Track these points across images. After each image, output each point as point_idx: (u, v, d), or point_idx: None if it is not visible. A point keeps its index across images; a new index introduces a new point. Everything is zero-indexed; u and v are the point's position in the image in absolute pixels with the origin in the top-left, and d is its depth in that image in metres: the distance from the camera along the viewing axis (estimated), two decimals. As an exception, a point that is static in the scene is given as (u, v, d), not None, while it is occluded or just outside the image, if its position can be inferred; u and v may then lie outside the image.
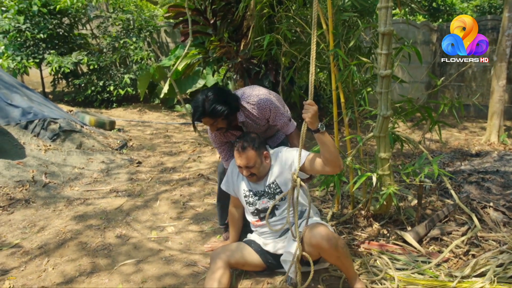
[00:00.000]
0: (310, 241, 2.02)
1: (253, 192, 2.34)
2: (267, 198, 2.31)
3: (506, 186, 3.59)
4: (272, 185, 2.29)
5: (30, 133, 4.58)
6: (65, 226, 3.05)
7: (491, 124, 6.24)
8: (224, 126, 2.30)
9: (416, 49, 2.70)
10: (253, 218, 2.40)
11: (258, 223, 2.37)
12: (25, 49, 7.93)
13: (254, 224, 2.40)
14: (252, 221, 2.42)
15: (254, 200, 2.34)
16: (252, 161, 2.19)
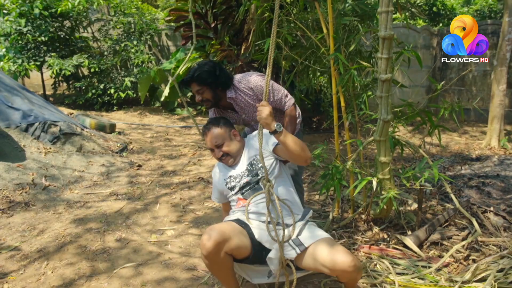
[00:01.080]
0: (333, 266, 1.74)
1: (233, 177, 2.20)
2: (248, 176, 2.16)
3: (507, 190, 3.59)
4: (254, 161, 2.16)
5: (30, 135, 4.58)
6: (64, 229, 3.04)
7: (491, 128, 6.24)
8: (210, 98, 2.37)
9: (416, 54, 2.70)
10: (237, 198, 2.18)
11: (243, 202, 2.15)
12: (26, 51, 7.95)
13: (239, 206, 2.17)
14: (236, 205, 2.19)
15: (235, 182, 2.18)
16: (219, 138, 2.16)
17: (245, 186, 2.15)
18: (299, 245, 1.88)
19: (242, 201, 2.17)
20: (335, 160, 2.90)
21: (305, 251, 1.86)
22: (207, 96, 2.37)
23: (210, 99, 2.39)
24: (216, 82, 2.34)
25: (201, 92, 2.35)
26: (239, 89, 2.41)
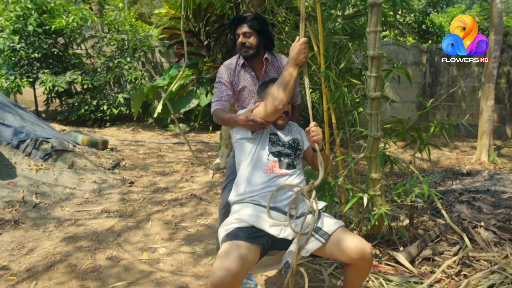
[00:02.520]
0: (361, 254, 1.80)
1: (279, 137, 2.15)
2: (289, 149, 2.14)
3: (497, 205, 3.62)
4: (297, 142, 2.20)
5: (21, 152, 4.55)
6: (54, 248, 3.00)
7: (481, 143, 6.32)
8: (254, 45, 2.31)
9: (406, 71, 2.76)
10: (270, 160, 2.05)
11: (276, 169, 2.03)
12: (19, 68, 7.95)
13: (269, 170, 2.02)
14: (266, 167, 2.03)
15: (278, 145, 2.11)
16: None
17: (283, 155, 2.09)
18: (323, 234, 1.87)
19: (274, 166, 2.05)
20: (327, 177, 2.91)
21: (328, 239, 1.87)
22: (252, 41, 2.32)
23: (253, 47, 2.32)
24: (266, 32, 2.36)
25: (248, 35, 2.30)
26: (277, 57, 2.47)
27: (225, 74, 2.38)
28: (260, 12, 3.96)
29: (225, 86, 2.36)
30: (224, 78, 2.37)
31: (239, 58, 2.42)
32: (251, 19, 2.30)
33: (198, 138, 7.86)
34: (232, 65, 2.40)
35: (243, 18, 2.31)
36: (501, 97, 7.98)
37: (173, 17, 5.09)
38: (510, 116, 8.09)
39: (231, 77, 2.38)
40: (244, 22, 2.30)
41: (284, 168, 2.05)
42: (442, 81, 8.54)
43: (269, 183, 2.00)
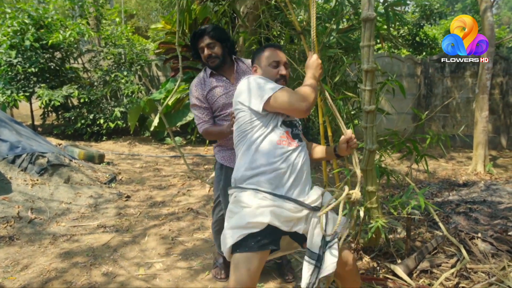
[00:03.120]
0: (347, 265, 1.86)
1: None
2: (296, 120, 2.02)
3: (494, 216, 3.63)
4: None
5: (17, 167, 4.53)
6: (49, 264, 2.97)
7: (476, 154, 6.36)
8: (219, 54, 2.40)
9: (400, 84, 2.79)
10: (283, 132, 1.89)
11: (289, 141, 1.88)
12: (16, 82, 7.96)
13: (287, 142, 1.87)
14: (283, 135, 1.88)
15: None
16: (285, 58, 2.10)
17: (294, 126, 1.97)
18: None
19: (288, 138, 1.89)
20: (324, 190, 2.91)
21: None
22: (217, 51, 2.40)
23: (219, 56, 2.41)
24: (228, 40, 2.46)
25: (212, 46, 2.38)
26: (241, 59, 2.57)
27: (197, 93, 2.45)
28: (256, 26, 4.01)
29: (201, 108, 2.45)
30: (197, 100, 2.45)
31: (206, 70, 2.49)
32: (212, 30, 2.39)
33: (195, 151, 7.86)
34: (201, 80, 2.47)
35: (203, 31, 2.39)
36: (495, 108, 8.05)
37: (169, 32, 5.14)
38: (504, 126, 8.16)
39: (204, 93, 2.44)
40: (205, 35, 2.39)
41: (297, 140, 1.93)
42: (436, 92, 8.62)
43: (283, 156, 1.83)
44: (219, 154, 2.58)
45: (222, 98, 2.44)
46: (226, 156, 2.53)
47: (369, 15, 2.26)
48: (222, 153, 2.56)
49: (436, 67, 8.56)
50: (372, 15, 2.25)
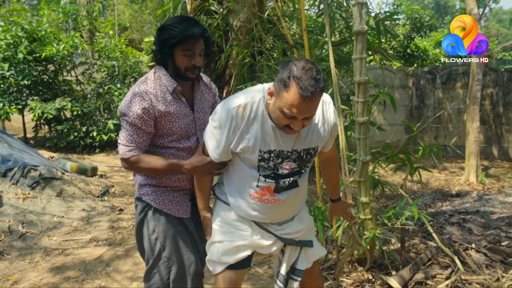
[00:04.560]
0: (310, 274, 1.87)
1: (276, 153, 1.61)
2: (293, 162, 1.64)
3: (487, 226, 3.65)
4: (312, 151, 1.68)
5: (8, 181, 4.48)
6: (40, 279, 2.92)
7: (468, 164, 6.41)
8: (201, 66, 1.81)
9: (391, 96, 2.83)
10: (260, 187, 1.65)
11: (272, 196, 1.66)
12: (8, 95, 7.93)
13: (259, 198, 1.66)
14: (256, 192, 1.65)
15: (274, 163, 1.62)
16: (316, 108, 1.50)
17: (282, 176, 1.65)
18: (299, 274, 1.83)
19: (268, 192, 1.66)
20: (317, 201, 2.92)
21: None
22: (201, 63, 1.81)
23: (200, 68, 1.81)
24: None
25: (201, 55, 1.76)
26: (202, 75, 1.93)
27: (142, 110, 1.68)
28: (249, 39, 4.06)
29: (140, 131, 1.71)
30: (140, 119, 1.69)
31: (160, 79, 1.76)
32: (208, 35, 1.79)
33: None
34: (153, 94, 1.72)
35: (201, 33, 1.71)
36: (486, 118, 8.15)
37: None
38: (495, 137, 8.25)
39: (153, 113, 1.70)
40: (201, 38, 1.72)
41: (280, 193, 1.67)
42: (428, 103, 8.72)
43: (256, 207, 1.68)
44: (154, 195, 1.81)
45: (180, 128, 1.77)
46: (167, 201, 1.81)
47: (361, 29, 2.30)
48: (161, 195, 1.81)
49: (428, 78, 8.68)
50: (364, 28, 2.29)
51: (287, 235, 1.76)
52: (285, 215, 1.76)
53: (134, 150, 1.71)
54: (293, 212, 1.79)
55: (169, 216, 1.80)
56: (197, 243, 1.88)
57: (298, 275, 1.81)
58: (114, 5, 18.16)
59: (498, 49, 9.19)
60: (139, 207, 1.83)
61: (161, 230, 1.78)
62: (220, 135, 1.58)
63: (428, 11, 12.45)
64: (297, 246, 1.81)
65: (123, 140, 1.72)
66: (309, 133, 1.63)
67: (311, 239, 1.84)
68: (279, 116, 1.49)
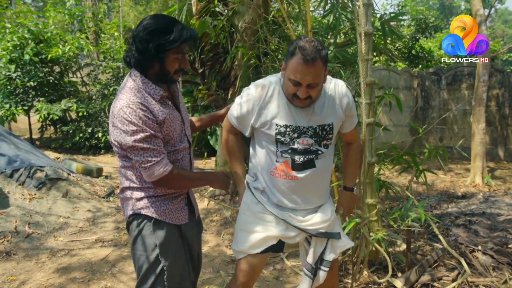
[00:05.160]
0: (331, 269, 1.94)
1: (292, 128, 1.75)
2: (310, 138, 1.76)
3: (493, 228, 3.62)
4: (327, 128, 1.78)
5: (15, 181, 4.51)
6: (47, 280, 2.94)
7: (474, 166, 6.37)
8: (188, 66, 1.78)
9: (397, 98, 2.82)
10: (279, 162, 1.78)
11: (290, 173, 1.77)
12: (15, 96, 7.98)
13: (279, 173, 1.78)
14: (276, 167, 1.78)
15: (291, 137, 1.75)
16: (318, 78, 1.63)
17: (299, 152, 1.76)
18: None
19: (285, 168, 1.78)
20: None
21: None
22: (187, 63, 1.75)
23: (187, 67, 1.79)
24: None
25: (185, 53, 1.69)
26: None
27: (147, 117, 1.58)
28: (254, 41, 4.06)
29: (159, 134, 1.63)
30: (151, 127, 1.59)
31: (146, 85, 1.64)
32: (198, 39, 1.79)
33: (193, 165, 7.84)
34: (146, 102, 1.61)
35: (196, 37, 1.68)
36: (492, 119, 8.11)
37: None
38: (501, 138, 8.20)
39: (155, 119, 1.62)
40: (191, 42, 1.66)
41: (299, 170, 1.77)
42: (433, 104, 8.68)
43: (276, 184, 1.81)
44: (154, 207, 1.70)
45: (175, 131, 1.73)
46: (168, 210, 1.73)
47: (367, 30, 2.29)
48: (162, 206, 1.72)
49: (433, 79, 8.64)
50: (370, 29, 2.29)
51: (312, 226, 1.83)
52: (307, 198, 1.84)
53: (166, 160, 1.62)
54: (315, 196, 1.86)
55: (169, 226, 1.71)
56: (191, 251, 1.84)
57: (326, 265, 1.89)
58: (119, 6, 18.25)
59: (504, 50, 9.14)
60: (135, 223, 1.70)
61: (163, 244, 1.68)
62: (241, 110, 1.80)
63: (433, 12, 12.41)
64: (323, 238, 1.88)
65: (151, 159, 1.58)
66: (323, 109, 1.76)
67: (338, 231, 1.91)
68: (288, 85, 1.67)
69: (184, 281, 1.74)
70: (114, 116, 1.59)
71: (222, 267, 3.21)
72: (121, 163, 1.72)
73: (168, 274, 1.68)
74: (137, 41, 1.58)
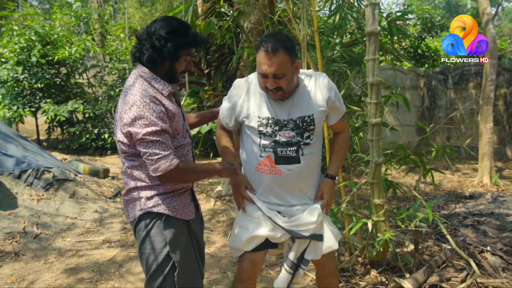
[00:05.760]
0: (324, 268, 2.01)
1: (273, 120, 1.81)
2: (291, 131, 1.81)
3: (502, 228, 3.59)
4: (307, 119, 1.82)
5: (23, 182, 4.55)
6: (55, 280, 2.96)
7: (482, 165, 6.32)
8: (193, 68, 1.85)
9: (404, 97, 2.81)
10: (262, 157, 1.83)
11: (274, 167, 1.82)
12: (22, 98, 8.05)
13: (262, 169, 1.84)
14: (259, 163, 1.85)
15: (273, 130, 1.81)
16: (283, 68, 1.68)
17: (281, 145, 1.81)
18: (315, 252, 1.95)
19: (269, 162, 1.83)
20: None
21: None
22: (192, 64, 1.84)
23: (191, 69, 1.85)
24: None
25: (191, 56, 1.79)
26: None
27: (159, 113, 1.61)
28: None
29: (169, 129, 1.67)
30: (162, 121, 1.62)
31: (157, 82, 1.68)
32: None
33: (199, 165, 7.85)
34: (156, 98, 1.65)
35: (207, 41, 1.81)
36: (499, 119, 8.03)
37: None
38: (509, 137, 8.12)
39: (167, 114, 1.67)
40: (201, 46, 1.86)
41: (282, 164, 1.81)
42: (440, 104, 8.63)
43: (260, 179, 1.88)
44: (165, 204, 1.71)
45: (181, 126, 1.78)
46: (178, 206, 1.75)
47: (374, 29, 2.28)
48: (172, 202, 1.74)
49: (439, 79, 8.58)
50: (377, 29, 2.28)
51: (296, 228, 1.87)
52: (293, 193, 1.89)
53: (173, 155, 1.63)
54: (301, 192, 1.91)
55: (179, 222, 1.73)
56: (199, 247, 1.87)
57: (305, 264, 1.95)
58: (125, 8, 18.34)
59: (511, 49, 9.05)
60: (145, 223, 1.70)
61: (173, 240, 1.69)
62: (226, 104, 1.92)
63: (439, 11, 12.33)
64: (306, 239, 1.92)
65: (159, 152, 1.59)
66: (301, 101, 1.83)
67: (321, 233, 1.92)
68: (259, 79, 1.79)
69: (196, 278, 1.76)
70: (125, 110, 1.61)
71: (229, 267, 3.21)
72: (128, 163, 1.71)
73: (179, 269, 1.68)
74: (154, 39, 1.62)
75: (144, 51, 1.65)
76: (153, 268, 1.68)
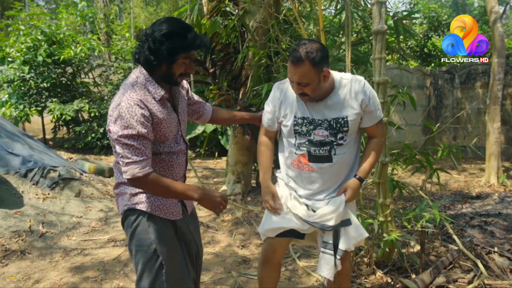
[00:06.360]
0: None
1: (308, 120, 1.90)
2: (325, 130, 1.88)
3: (510, 229, 3.55)
4: (341, 121, 1.87)
5: (29, 181, 4.57)
6: (60, 279, 2.97)
7: (489, 165, 6.26)
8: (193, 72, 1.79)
9: (411, 96, 2.78)
10: (297, 154, 1.94)
11: (306, 164, 1.92)
12: (28, 97, 8.11)
13: (297, 164, 1.95)
14: (294, 159, 1.95)
15: (307, 129, 1.89)
16: (306, 78, 1.76)
17: (315, 144, 1.89)
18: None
19: (303, 160, 1.93)
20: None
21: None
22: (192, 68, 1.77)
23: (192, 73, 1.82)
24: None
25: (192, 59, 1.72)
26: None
27: (143, 117, 1.58)
28: (265, 40, 4.04)
29: (147, 140, 1.61)
30: (143, 125, 1.58)
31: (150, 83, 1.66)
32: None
33: (204, 164, 7.86)
34: (145, 101, 1.62)
35: (207, 42, 1.74)
36: (507, 118, 7.96)
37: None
38: (517, 137, 8.04)
39: (151, 119, 1.63)
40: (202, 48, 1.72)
41: (316, 162, 1.90)
42: (446, 103, 8.57)
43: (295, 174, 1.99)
44: (148, 201, 1.70)
45: (171, 132, 1.73)
46: (162, 205, 1.73)
47: (381, 28, 2.26)
48: (156, 201, 1.72)
49: (446, 78, 8.52)
50: (383, 28, 2.26)
51: (319, 219, 1.92)
52: (323, 190, 1.95)
53: (146, 162, 1.58)
54: (331, 189, 1.96)
55: (163, 221, 1.71)
56: (188, 247, 1.83)
57: (339, 254, 1.96)
58: (130, 8, 18.41)
59: (519, 48, 8.97)
60: (130, 219, 1.71)
61: (158, 238, 1.68)
62: (267, 108, 2.02)
63: (445, 10, 12.22)
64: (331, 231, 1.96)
65: (131, 157, 1.56)
66: (336, 103, 1.88)
67: (348, 218, 1.97)
68: (289, 82, 1.88)
69: (184, 278, 1.73)
70: (112, 108, 1.61)
71: (234, 267, 3.21)
72: (117, 158, 1.70)
73: (166, 268, 1.67)
74: (150, 41, 1.60)
75: (142, 52, 1.64)
76: (142, 264, 1.68)
